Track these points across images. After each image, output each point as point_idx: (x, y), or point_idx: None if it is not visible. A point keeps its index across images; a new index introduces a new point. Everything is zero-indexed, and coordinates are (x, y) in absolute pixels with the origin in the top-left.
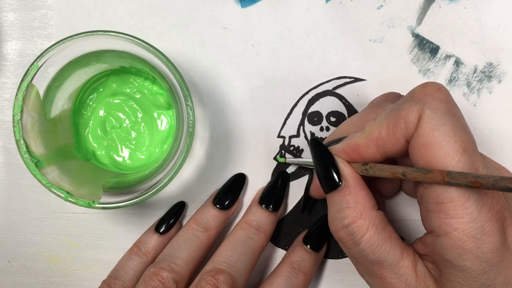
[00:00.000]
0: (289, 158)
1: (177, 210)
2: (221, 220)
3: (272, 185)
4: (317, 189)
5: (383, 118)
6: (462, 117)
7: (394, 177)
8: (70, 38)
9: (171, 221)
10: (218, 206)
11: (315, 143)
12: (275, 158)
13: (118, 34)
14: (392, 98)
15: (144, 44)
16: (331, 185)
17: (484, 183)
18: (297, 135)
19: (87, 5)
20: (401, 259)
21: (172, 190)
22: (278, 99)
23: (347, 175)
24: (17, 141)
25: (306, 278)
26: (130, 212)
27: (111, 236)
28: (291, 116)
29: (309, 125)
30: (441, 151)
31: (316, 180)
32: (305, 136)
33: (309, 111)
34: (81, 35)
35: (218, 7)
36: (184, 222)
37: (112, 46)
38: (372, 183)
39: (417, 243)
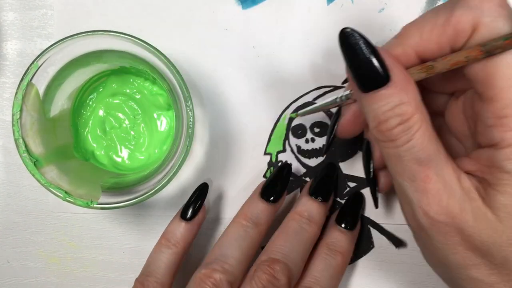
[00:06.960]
0: (300, 112)
1: (201, 193)
2: (271, 214)
3: (321, 177)
4: (348, 125)
5: (426, 20)
6: None
7: (461, 63)
8: (70, 38)
9: (197, 206)
10: (266, 199)
11: (350, 33)
12: (264, 177)
13: (119, 34)
14: None
15: (145, 45)
16: (377, 81)
17: None
18: (284, 150)
19: (87, 5)
20: (447, 163)
21: (171, 191)
22: (278, 101)
23: (394, 67)
24: (16, 140)
25: (344, 257)
26: (129, 213)
27: (111, 236)
28: (274, 131)
29: (294, 138)
30: None
31: (346, 116)
32: (291, 150)
33: (292, 124)
34: (82, 34)
35: (219, 8)
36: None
37: (113, 46)
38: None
39: (461, 161)
